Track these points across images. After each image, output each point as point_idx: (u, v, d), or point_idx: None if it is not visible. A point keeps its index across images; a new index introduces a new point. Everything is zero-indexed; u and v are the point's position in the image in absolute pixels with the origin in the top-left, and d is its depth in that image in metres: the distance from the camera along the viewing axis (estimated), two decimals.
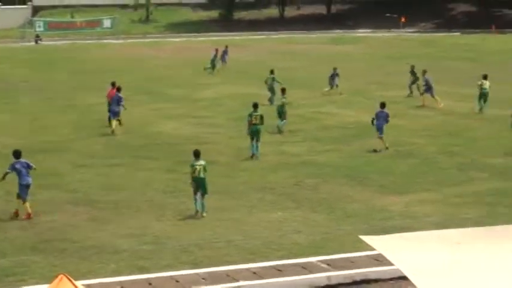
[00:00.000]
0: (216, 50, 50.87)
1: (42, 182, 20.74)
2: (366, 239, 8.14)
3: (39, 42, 75.03)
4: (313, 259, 15.19)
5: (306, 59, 57.73)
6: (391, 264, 7.90)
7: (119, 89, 30.29)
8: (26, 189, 18.58)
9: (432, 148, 26.14)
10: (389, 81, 43.27)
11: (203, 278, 14.30)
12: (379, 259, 14.09)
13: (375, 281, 14.38)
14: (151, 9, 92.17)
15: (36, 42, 74.98)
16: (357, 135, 28.17)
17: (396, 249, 7.78)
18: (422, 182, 21.67)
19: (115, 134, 28.78)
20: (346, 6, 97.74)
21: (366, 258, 14.90)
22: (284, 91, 30.17)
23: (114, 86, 30.71)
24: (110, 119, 29.66)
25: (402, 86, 38.68)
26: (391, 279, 14.12)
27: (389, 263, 8.26)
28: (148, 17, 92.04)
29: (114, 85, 30.82)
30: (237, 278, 14.29)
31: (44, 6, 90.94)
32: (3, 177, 18.86)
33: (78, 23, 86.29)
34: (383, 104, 26.45)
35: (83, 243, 16.47)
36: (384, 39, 75.40)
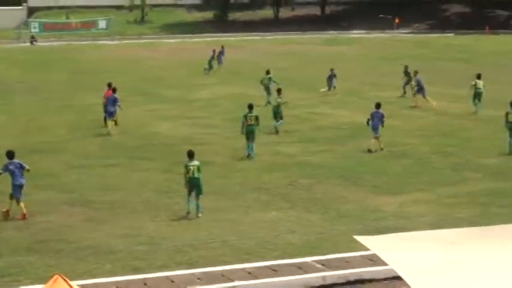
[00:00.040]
0: (213, 50, 50.92)
1: (38, 182, 20.77)
2: (360, 239, 8.15)
3: (34, 43, 74.98)
4: (308, 259, 15.22)
5: (300, 59, 57.76)
6: (385, 264, 7.90)
7: (114, 90, 30.39)
8: (19, 190, 18.52)
9: (426, 148, 26.20)
10: (383, 82, 43.30)
11: (198, 278, 14.34)
12: (374, 259, 14.12)
13: (369, 281, 14.41)
14: (146, 10, 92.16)
15: (31, 43, 74.93)
16: (351, 136, 28.23)
17: (390, 249, 7.78)
18: (416, 182, 21.71)
19: (111, 134, 28.82)
20: (340, 7, 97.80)
21: (360, 258, 14.93)
22: (280, 91, 30.25)
23: (110, 87, 30.79)
24: (106, 119, 29.74)
25: (396, 86, 38.74)
26: (385, 279, 14.14)
27: (383, 263, 8.27)
28: (143, 18, 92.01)
29: (110, 86, 30.90)
30: (232, 278, 14.33)
31: (39, 7, 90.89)
32: None
33: (74, 24, 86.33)
34: (378, 105, 26.49)
35: (78, 244, 16.47)
36: (378, 40, 75.45)
